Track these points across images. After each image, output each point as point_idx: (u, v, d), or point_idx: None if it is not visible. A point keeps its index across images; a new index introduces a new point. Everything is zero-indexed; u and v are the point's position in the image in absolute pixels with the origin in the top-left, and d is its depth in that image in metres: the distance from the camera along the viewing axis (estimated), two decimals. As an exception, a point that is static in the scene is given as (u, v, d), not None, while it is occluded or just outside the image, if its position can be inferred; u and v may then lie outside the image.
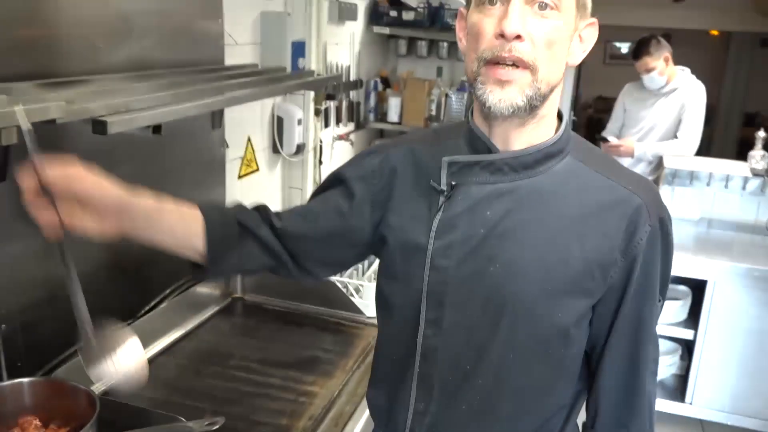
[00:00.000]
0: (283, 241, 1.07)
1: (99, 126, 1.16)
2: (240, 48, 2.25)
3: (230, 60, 2.16)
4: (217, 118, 2.05)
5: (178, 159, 1.91)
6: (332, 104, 3.02)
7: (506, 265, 0.94)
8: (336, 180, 1.10)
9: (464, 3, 0.97)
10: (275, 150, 2.58)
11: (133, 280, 1.79)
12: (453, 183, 0.96)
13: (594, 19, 0.95)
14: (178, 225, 1.02)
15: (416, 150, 1.05)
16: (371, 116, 3.60)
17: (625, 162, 3.58)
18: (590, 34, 0.96)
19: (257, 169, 2.49)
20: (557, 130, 0.98)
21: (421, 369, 1.01)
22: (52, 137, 1.42)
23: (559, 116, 1.00)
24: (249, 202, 2.55)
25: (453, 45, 3.70)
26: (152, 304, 1.79)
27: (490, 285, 0.95)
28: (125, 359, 1.04)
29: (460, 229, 0.96)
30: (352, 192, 1.06)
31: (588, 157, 1.00)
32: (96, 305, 1.62)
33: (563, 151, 0.97)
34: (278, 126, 2.55)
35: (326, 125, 2.99)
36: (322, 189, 1.13)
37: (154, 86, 1.49)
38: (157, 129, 1.32)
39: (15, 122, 0.95)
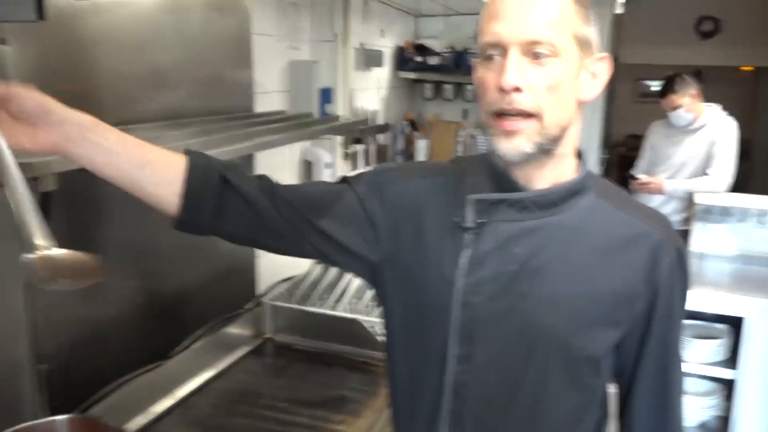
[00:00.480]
0: (278, 206, 1.03)
1: (132, 171, 1.21)
2: (269, 96, 2.34)
3: (260, 107, 2.24)
4: (246, 163, 2.12)
5: (209, 203, 1.97)
6: (360, 148, 3.09)
7: (538, 301, 0.96)
8: (349, 190, 1.06)
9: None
10: (305, 193, 2.63)
11: (167, 321, 1.85)
12: (479, 221, 0.98)
13: (605, 54, 0.96)
14: (150, 156, 0.99)
15: (438, 183, 1.05)
16: (399, 159, 3.66)
17: (657, 200, 3.56)
18: (603, 69, 0.97)
19: (287, 213, 2.55)
20: (577, 167, 1.01)
21: (453, 406, 1.01)
22: (90, 185, 1.50)
23: (578, 155, 1.02)
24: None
25: (479, 87, 3.76)
26: (185, 344, 1.84)
27: (522, 321, 0.97)
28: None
29: (489, 266, 0.97)
30: (365, 208, 1.04)
31: (607, 194, 1.03)
32: (131, 345, 1.69)
33: (585, 188, 1.00)
34: (307, 170, 2.62)
35: (354, 168, 3.05)
36: (331, 186, 1.09)
37: (186, 134, 1.56)
38: (187, 173, 1.37)
39: (52, 170, 1.01)
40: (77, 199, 1.50)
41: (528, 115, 0.91)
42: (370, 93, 3.21)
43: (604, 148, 4.85)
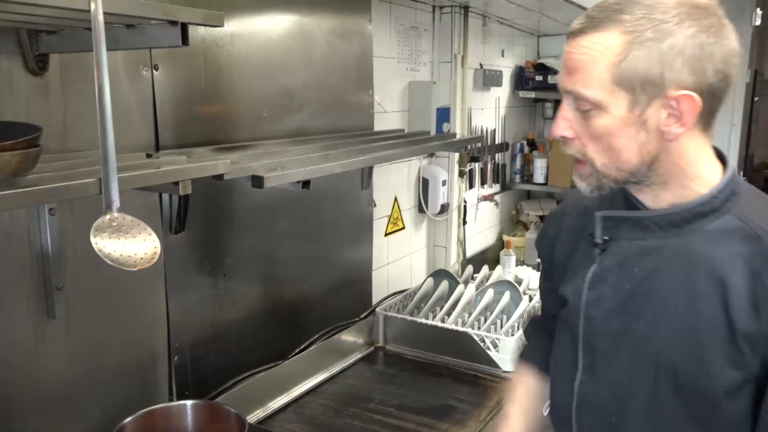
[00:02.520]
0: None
1: (256, 180, 1.35)
2: (388, 115, 2.44)
3: (379, 126, 2.35)
4: (365, 179, 2.23)
5: (329, 216, 2.10)
6: (477, 166, 3.12)
7: (648, 325, 0.95)
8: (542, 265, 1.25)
9: None
10: (420, 209, 2.71)
11: (287, 325, 1.98)
12: (606, 237, 1.00)
13: (686, 92, 0.86)
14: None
15: (588, 204, 1.07)
16: (517, 177, 3.65)
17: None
18: (684, 107, 0.87)
19: (403, 227, 2.63)
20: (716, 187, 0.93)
21: (577, 412, 1.06)
22: (223, 191, 1.66)
23: (723, 166, 0.96)
24: (394, 257, 2.64)
25: (602, 106, 3.67)
26: (302, 347, 1.96)
27: (633, 342, 0.97)
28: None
29: (609, 282, 0.99)
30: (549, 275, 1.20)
31: (753, 217, 0.92)
32: (254, 344, 1.83)
33: (718, 210, 0.92)
34: (424, 187, 2.69)
35: (471, 186, 3.09)
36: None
37: (308, 149, 1.69)
38: (306, 184, 1.49)
39: (191, 176, 1.14)
40: (212, 207, 1.66)
41: (581, 160, 0.96)
42: (488, 112, 3.24)
43: (743, 171, 4.54)
